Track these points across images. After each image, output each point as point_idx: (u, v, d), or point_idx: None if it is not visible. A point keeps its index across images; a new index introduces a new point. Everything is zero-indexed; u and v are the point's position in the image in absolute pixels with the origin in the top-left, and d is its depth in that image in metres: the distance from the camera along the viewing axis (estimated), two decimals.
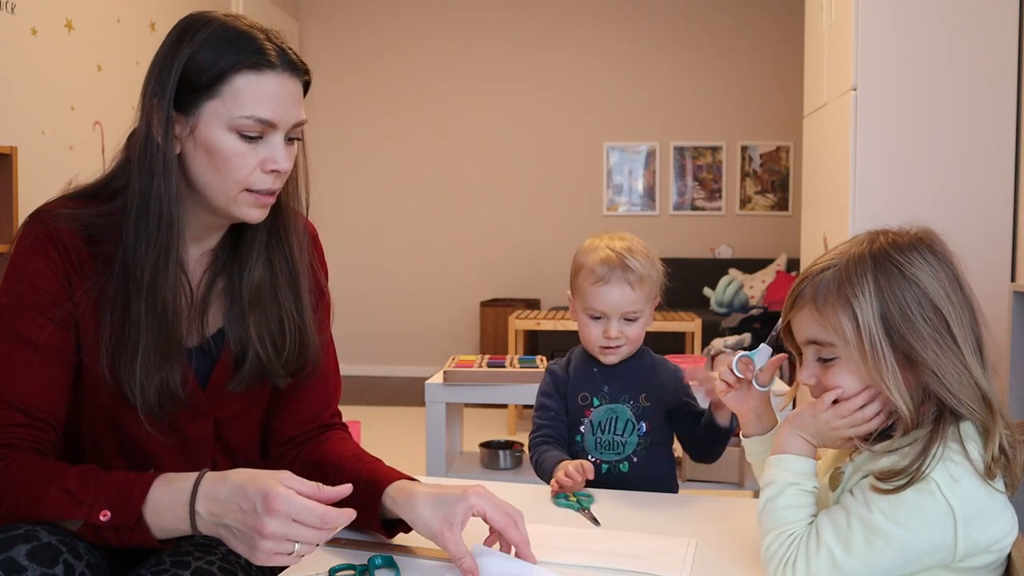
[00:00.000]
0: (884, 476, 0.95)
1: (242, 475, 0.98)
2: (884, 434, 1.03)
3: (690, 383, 1.50)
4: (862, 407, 1.01)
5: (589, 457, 1.54)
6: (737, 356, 1.20)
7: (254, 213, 1.15)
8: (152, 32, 4.21)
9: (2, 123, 3.18)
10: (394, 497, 1.13)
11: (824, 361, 1.03)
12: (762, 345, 1.19)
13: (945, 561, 0.95)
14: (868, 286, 0.98)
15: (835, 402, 1.02)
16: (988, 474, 0.93)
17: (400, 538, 1.17)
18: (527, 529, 1.08)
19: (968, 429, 0.97)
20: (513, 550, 1.06)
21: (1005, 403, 1.04)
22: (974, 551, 0.94)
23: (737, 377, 1.20)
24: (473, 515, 1.06)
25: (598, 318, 1.52)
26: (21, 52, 3.30)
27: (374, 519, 1.14)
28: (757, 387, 1.19)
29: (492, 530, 1.08)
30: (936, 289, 0.97)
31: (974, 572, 0.97)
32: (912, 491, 0.93)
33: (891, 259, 0.99)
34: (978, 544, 0.94)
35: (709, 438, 1.51)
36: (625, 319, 1.51)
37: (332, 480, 1.12)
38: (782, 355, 1.18)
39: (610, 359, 1.54)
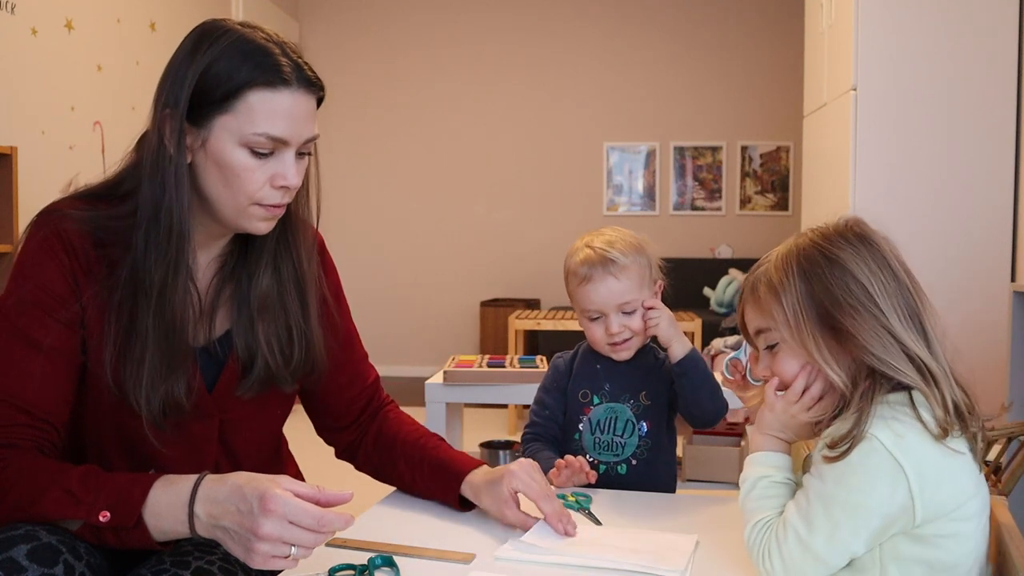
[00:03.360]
0: (831, 445, 0.98)
1: (241, 477, 0.98)
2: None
3: None
4: (807, 388, 1.05)
5: (587, 457, 1.53)
6: (726, 360, 1.25)
7: (262, 226, 1.16)
8: (152, 32, 4.20)
9: (2, 123, 3.18)
10: (466, 490, 1.28)
11: (771, 349, 1.09)
12: (746, 343, 1.22)
13: (907, 526, 0.95)
14: (792, 271, 1.05)
15: (784, 392, 1.07)
16: (940, 434, 0.95)
17: (400, 538, 1.17)
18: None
19: (919, 397, 0.99)
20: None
21: (995, 392, 1.05)
22: (936, 514, 0.94)
23: (731, 379, 1.26)
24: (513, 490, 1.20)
25: (597, 318, 1.52)
26: (21, 52, 3.30)
27: (455, 502, 1.29)
28: (752, 382, 1.24)
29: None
30: (857, 264, 1.02)
31: (942, 541, 0.95)
32: (856, 453, 0.94)
33: (815, 245, 1.06)
34: (939, 507, 0.94)
35: (683, 388, 1.49)
36: (623, 312, 1.50)
37: (405, 463, 1.35)
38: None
39: (622, 355, 1.53)
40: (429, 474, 1.32)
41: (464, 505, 1.29)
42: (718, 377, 1.27)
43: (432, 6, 6.22)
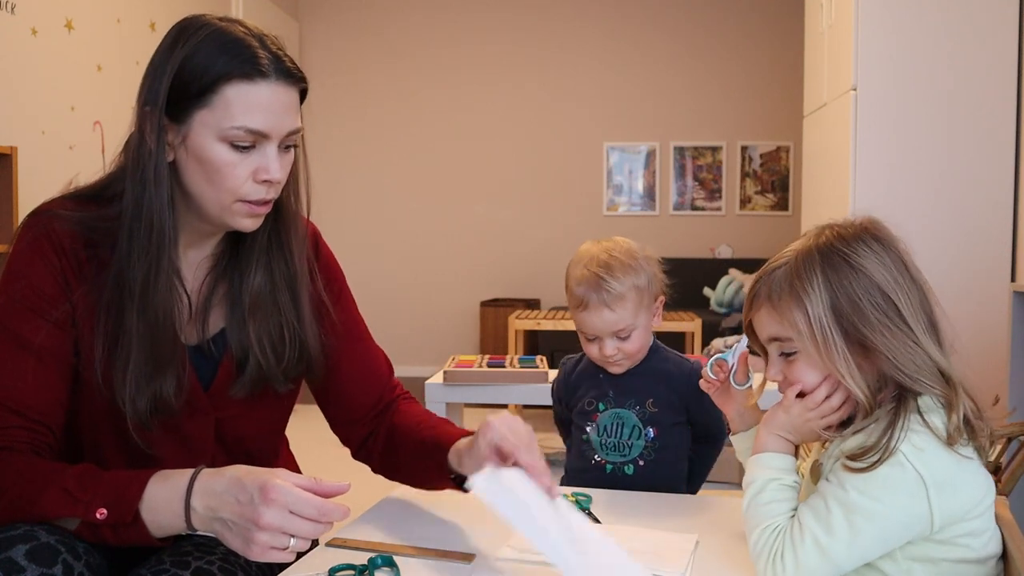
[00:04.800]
0: (855, 455, 0.97)
1: (239, 470, 0.99)
2: (849, 421, 1.05)
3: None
4: (828, 397, 1.04)
5: (595, 456, 1.54)
6: (712, 359, 1.22)
7: (247, 223, 1.14)
8: (152, 32, 4.20)
9: (2, 123, 3.18)
10: (453, 460, 1.20)
11: (787, 356, 1.07)
12: (736, 345, 1.21)
13: (924, 532, 0.96)
14: (817, 279, 1.01)
15: (801, 396, 1.05)
16: (949, 441, 0.96)
17: (400, 538, 1.17)
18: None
19: (927, 402, 0.99)
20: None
21: (984, 386, 1.05)
22: (951, 519, 0.96)
23: (714, 379, 1.22)
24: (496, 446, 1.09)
25: (593, 339, 1.53)
26: (21, 52, 3.30)
27: (447, 481, 1.23)
28: (735, 385, 1.21)
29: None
30: (883, 275, 1.01)
31: (962, 540, 0.97)
32: (884, 465, 0.95)
33: (837, 251, 1.03)
34: (954, 512, 0.95)
35: (697, 454, 1.56)
36: (618, 337, 1.50)
37: (405, 450, 1.29)
38: (745, 351, 1.20)
39: (615, 370, 1.55)
40: (423, 457, 1.26)
41: (462, 484, 1.21)
42: (705, 377, 1.24)
43: (432, 6, 6.22)
